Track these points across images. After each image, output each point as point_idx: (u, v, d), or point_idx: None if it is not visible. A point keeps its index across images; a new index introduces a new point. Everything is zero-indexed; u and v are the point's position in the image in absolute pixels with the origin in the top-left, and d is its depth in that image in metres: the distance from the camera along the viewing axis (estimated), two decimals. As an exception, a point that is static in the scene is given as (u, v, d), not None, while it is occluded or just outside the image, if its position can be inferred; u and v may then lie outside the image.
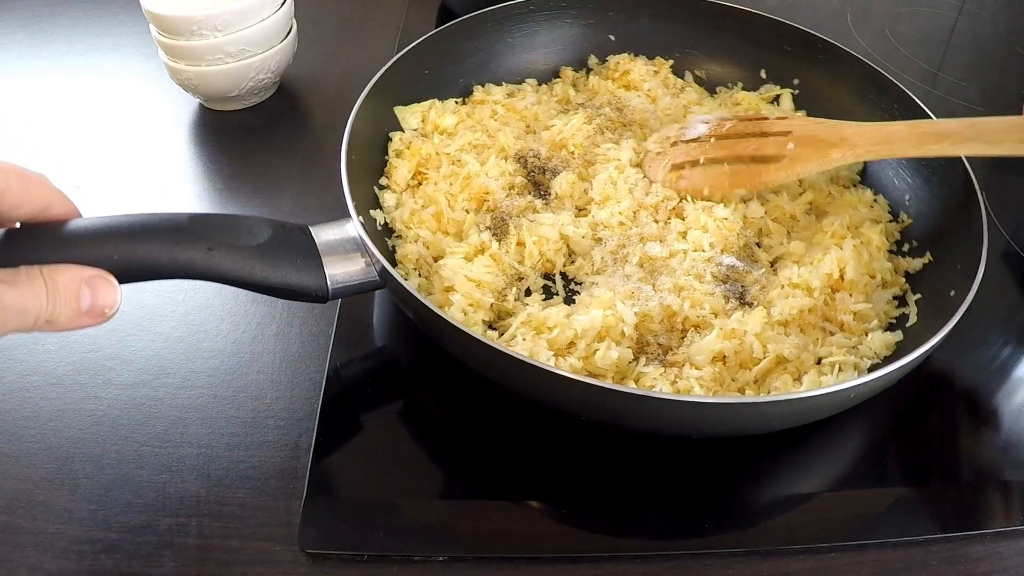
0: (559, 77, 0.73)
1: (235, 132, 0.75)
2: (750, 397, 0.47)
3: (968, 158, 0.56)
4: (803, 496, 0.48)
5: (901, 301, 0.56)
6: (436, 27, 0.67)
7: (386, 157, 0.63)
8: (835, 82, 0.68)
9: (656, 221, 0.59)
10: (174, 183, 0.70)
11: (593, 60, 0.75)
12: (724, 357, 0.50)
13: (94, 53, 0.85)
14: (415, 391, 0.54)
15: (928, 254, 0.57)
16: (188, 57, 0.71)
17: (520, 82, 0.72)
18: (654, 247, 0.57)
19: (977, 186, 0.55)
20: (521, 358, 0.43)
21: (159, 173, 0.71)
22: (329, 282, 0.47)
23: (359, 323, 0.57)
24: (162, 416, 0.51)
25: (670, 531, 0.47)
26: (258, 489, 0.48)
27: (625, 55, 0.73)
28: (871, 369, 0.50)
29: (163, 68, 0.74)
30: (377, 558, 0.45)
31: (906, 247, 0.60)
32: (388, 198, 0.60)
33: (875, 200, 0.63)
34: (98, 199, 0.67)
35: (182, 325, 0.57)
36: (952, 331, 0.46)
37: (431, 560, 0.45)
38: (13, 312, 0.36)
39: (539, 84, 0.73)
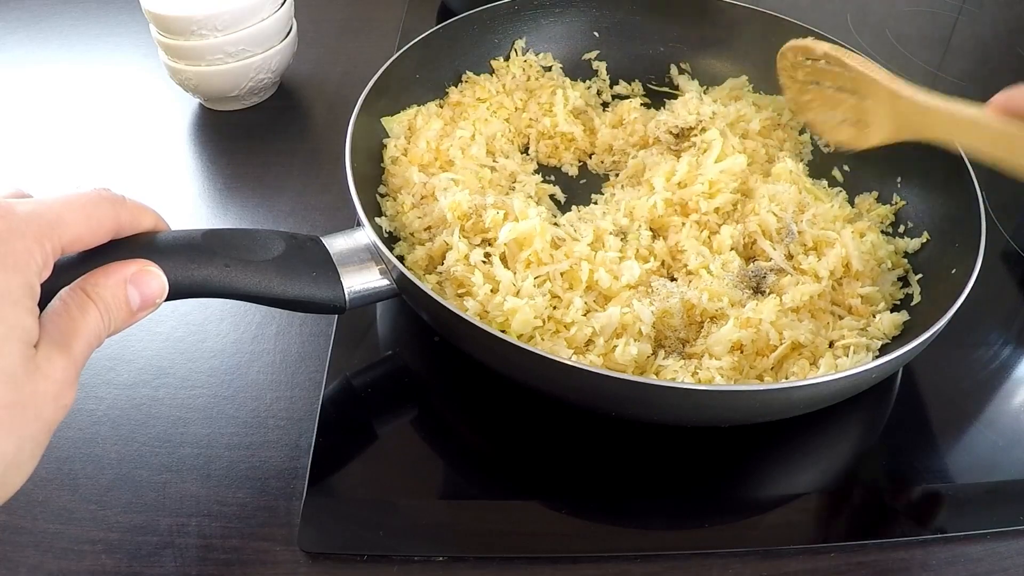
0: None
1: (235, 132, 0.75)
2: (781, 383, 0.47)
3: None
4: (803, 495, 0.48)
5: (904, 282, 0.57)
6: (436, 27, 0.67)
7: (382, 164, 0.63)
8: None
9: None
10: (174, 183, 0.70)
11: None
12: (741, 346, 0.51)
13: (94, 53, 0.85)
14: (416, 392, 0.54)
15: (925, 233, 0.58)
16: (188, 57, 0.71)
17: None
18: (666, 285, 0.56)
19: (968, 162, 0.55)
20: (560, 360, 0.43)
21: (159, 173, 0.71)
22: (347, 292, 0.47)
23: (359, 322, 0.57)
24: (162, 416, 0.51)
25: (670, 531, 0.47)
26: (258, 489, 0.48)
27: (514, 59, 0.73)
28: (882, 349, 0.51)
29: (163, 68, 0.74)
30: (377, 558, 0.45)
31: (902, 228, 0.60)
32: (389, 206, 0.60)
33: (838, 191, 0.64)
34: (98, 199, 0.67)
35: (182, 325, 0.57)
36: (952, 329, 0.46)
37: (431, 560, 0.45)
38: (91, 344, 0.36)
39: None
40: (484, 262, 0.53)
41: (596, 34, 0.75)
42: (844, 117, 0.60)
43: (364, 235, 0.49)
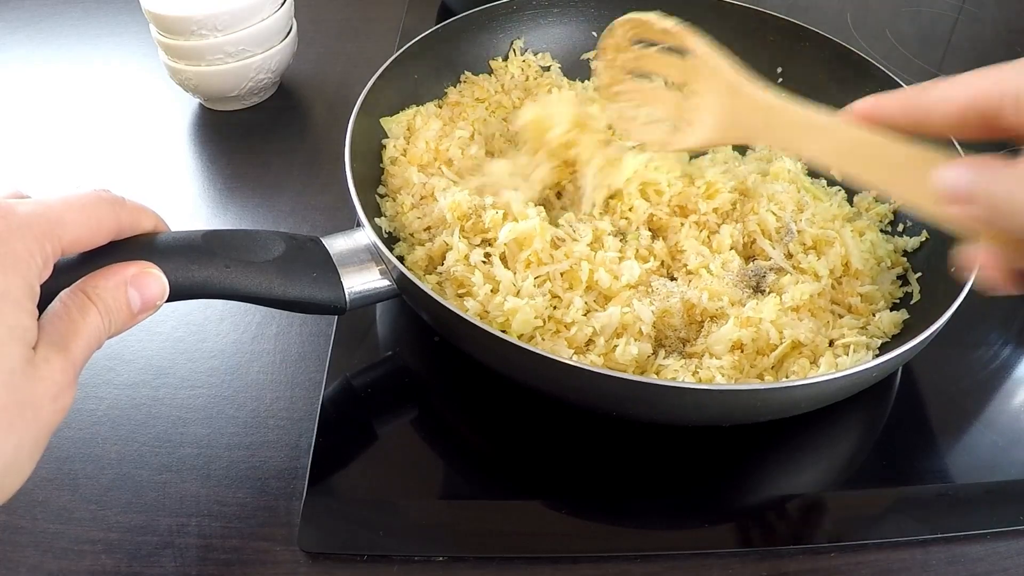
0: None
1: (235, 132, 0.75)
2: (782, 382, 0.47)
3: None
4: (803, 496, 0.48)
5: (904, 281, 0.57)
6: (436, 26, 0.67)
7: (381, 165, 0.63)
8: (818, 69, 0.68)
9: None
10: (174, 183, 0.70)
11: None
12: (742, 345, 0.51)
13: (94, 53, 0.85)
14: (416, 392, 0.54)
15: (924, 232, 0.58)
16: (188, 57, 0.71)
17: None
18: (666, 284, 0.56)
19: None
20: (560, 360, 0.43)
21: (159, 173, 0.71)
22: (347, 293, 0.47)
23: (359, 322, 0.57)
24: (162, 416, 0.51)
25: (670, 531, 0.47)
26: (258, 489, 0.48)
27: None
28: (882, 348, 0.51)
29: (163, 68, 0.74)
30: (377, 558, 0.45)
31: (901, 226, 0.60)
32: (389, 206, 0.60)
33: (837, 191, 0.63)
34: (98, 199, 0.67)
35: (182, 325, 0.57)
36: (952, 328, 0.46)
37: (431, 560, 0.45)
38: (91, 346, 0.36)
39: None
40: (484, 262, 0.53)
41: (595, 34, 0.75)
42: (658, 116, 0.54)
43: (364, 235, 0.49)
